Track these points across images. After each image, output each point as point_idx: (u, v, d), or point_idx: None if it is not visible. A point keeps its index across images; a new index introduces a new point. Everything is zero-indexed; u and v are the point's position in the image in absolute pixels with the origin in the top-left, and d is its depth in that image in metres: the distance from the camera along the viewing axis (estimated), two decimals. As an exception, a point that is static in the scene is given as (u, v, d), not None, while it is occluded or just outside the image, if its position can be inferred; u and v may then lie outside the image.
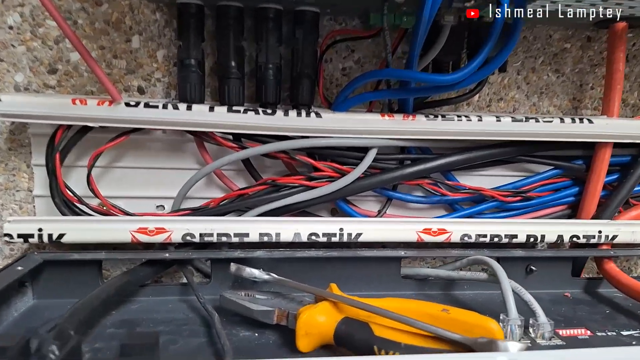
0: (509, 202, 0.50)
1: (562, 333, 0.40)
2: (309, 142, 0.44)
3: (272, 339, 0.37)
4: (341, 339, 0.34)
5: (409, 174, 0.47)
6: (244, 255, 0.43)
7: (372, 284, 0.46)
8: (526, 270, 0.48)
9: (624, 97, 0.55)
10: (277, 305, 0.38)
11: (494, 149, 0.48)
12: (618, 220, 0.51)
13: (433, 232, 0.47)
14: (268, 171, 0.49)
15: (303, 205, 0.46)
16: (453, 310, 0.36)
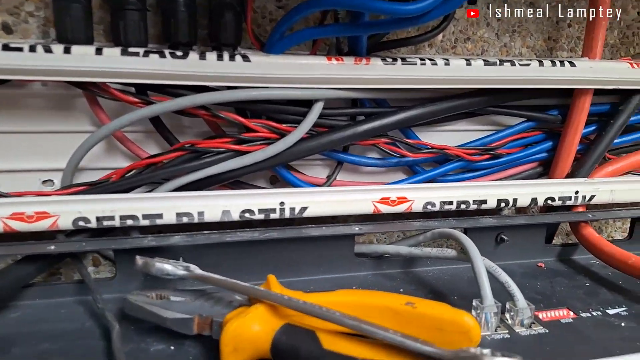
0: (476, 161, 0.43)
1: (542, 317, 0.34)
2: (235, 94, 0.35)
3: (191, 354, 0.29)
4: (280, 354, 0.26)
5: (363, 132, 0.38)
6: (156, 242, 0.34)
7: (322, 266, 0.38)
8: (496, 240, 0.42)
9: (603, 37, 0.48)
10: (198, 310, 0.29)
11: (461, 100, 0.40)
12: (597, 178, 0.45)
13: (392, 202, 0.39)
14: (188, 133, 0.39)
15: (233, 175, 0.37)
16: (420, 303, 0.29)
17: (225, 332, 0.26)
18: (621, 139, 0.47)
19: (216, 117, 0.36)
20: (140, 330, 0.31)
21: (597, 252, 0.41)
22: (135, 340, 0.30)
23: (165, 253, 0.34)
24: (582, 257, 0.44)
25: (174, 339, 0.30)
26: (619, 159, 0.48)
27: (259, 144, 0.36)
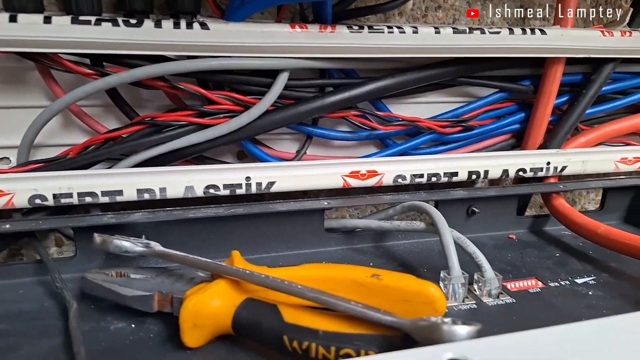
0: (447, 133, 0.43)
1: (510, 287, 0.34)
2: (194, 64, 0.33)
3: (153, 332, 0.28)
4: (242, 328, 0.26)
5: (331, 104, 0.37)
6: (116, 220, 0.33)
7: (291, 242, 0.37)
8: (467, 213, 0.41)
9: (575, 5, 0.47)
10: (158, 287, 0.28)
11: (431, 70, 0.39)
12: (569, 149, 0.45)
13: (362, 175, 0.38)
14: (148, 107, 0.38)
15: (197, 149, 0.36)
16: (385, 275, 0.29)
17: (184, 308, 0.25)
18: (594, 109, 0.47)
19: (176, 88, 0.34)
20: (101, 309, 0.30)
21: (568, 222, 0.41)
22: (95, 319, 0.29)
23: (127, 231, 0.33)
24: (554, 228, 0.44)
25: (135, 317, 0.29)
26: (591, 130, 0.47)
27: (222, 116, 0.35)
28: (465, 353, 0.19)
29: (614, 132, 0.48)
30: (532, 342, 0.20)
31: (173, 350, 0.26)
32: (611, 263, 0.38)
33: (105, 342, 0.27)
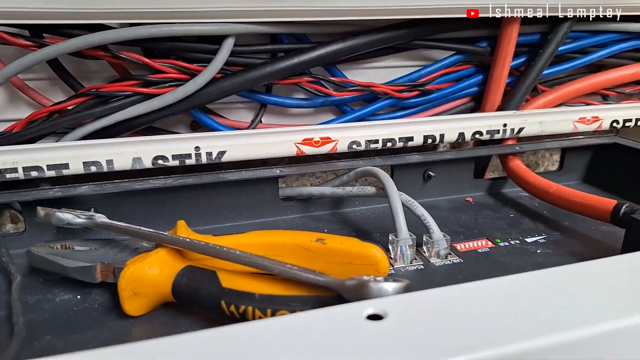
0: (405, 98, 0.42)
1: (460, 248, 0.35)
2: (133, 32, 0.32)
3: (98, 302, 0.28)
4: (182, 295, 0.26)
5: (281, 70, 0.37)
6: (62, 193, 0.32)
7: (246, 212, 0.37)
8: (424, 177, 0.41)
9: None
10: (101, 258, 0.28)
11: (383, 33, 0.39)
12: (526, 110, 0.45)
13: (315, 143, 0.38)
14: (96, 79, 0.37)
15: (144, 120, 0.35)
16: (329, 239, 0.29)
17: (122, 276, 0.26)
18: (553, 69, 0.46)
19: (118, 58, 0.34)
20: (49, 282, 0.30)
21: (523, 183, 0.41)
22: (42, 291, 0.29)
23: (78, 204, 0.33)
24: (512, 190, 0.45)
25: (81, 288, 0.29)
26: (551, 91, 0.47)
27: (167, 86, 0.35)
28: (385, 308, 0.20)
29: (574, 92, 0.47)
30: (449, 297, 0.20)
31: (116, 319, 0.27)
32: (564, 222, 0.39)
33: (50, 313, 0.27)
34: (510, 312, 0.19)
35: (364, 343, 0.18)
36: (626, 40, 0.47)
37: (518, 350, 0.17)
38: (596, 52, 0.47)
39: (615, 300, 0.20)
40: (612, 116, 0.47)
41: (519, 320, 0.18)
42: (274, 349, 0.17)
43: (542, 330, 0.18)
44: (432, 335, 0.18)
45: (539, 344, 0.17)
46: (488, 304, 0.20)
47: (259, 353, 0.17)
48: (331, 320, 0.19)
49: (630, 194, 0.42)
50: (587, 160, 0.47)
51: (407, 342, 0.17)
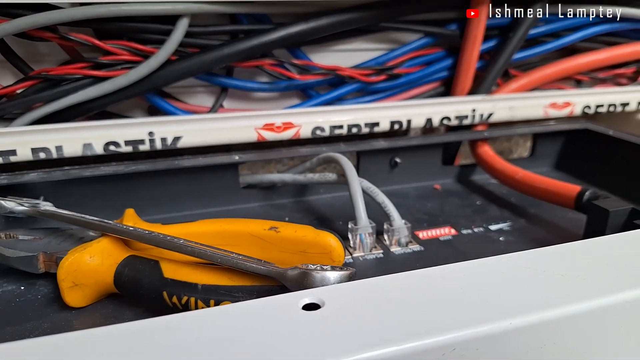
0: (372, 82, 0.41)
1: (422, 236, 0.34)
2: (80, 11, 0.31)
3: (41, 293, 0.27)
4: (125, 286, 0.25)
5: (241, 52, 0.35)
6: (8, 180, 0.31)
7: (204, 199, 0.36)
8: (390, 164, 0.41)
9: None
10: (45, 247, 0.27)
11: (349, 14, 0.37)
12: (496, 95, 0.44)
13: (277, 128, 0.37)
14: (47, 62, 0.35)
15: (96, 104, 0.34)
16: (284, 227, 0.29)
17: (61, 266, 0.25)
18: (525, 52, 0.46)
19: (66, 40, 0.32)
20: (-6, 271, 0.29)
21: (490, 169, 0.41)
22: (-16, 282, 0.28)
23: (25, 192, 0.32)
24: (481, 177, 0.44)
25: (26, 279, 0.28)
26: (523, 75, 0.47)
27: (119, 68, 0.33)
28: (323, 297, 0.19)
29: (546, 76, 0.47)
30: (387, 286, 0.20)
31: (58, 310, 0.26)
32: (530, 209, 0.38)
33: (-11, 304, 0.26)
34: (444, 301, 0.19)
35: (297, 333, 0.17)
36: (599, 23, 0.46)
37: (447, 340, 0.17)
38: (569, 35, 0.46)
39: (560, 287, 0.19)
40: (584, 102, 0.46)
41: (451, 310, 0.18)
42: (206, 339, 0.17)
43: (472, 319, 0.17)
44: (365, 324, 0.17)
45: (467, 334, 0.17)
46: (423, 292, 0.19)
47: (191, 343, 0.16)
48: (267, 311, 0.19)
49: (601, 180, 0.42)
50: (558, 146, 0.47)
51: (340, 332, 0.17)
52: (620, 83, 0.52)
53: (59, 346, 0.16)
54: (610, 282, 0.20)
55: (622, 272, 0.20)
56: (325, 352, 0.16)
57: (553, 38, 0.46)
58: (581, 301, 0.19)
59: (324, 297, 0.19)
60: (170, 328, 0.17)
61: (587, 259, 0.22)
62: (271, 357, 0.16)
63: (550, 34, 0.45)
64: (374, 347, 0.16)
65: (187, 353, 0.16)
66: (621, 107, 0.49)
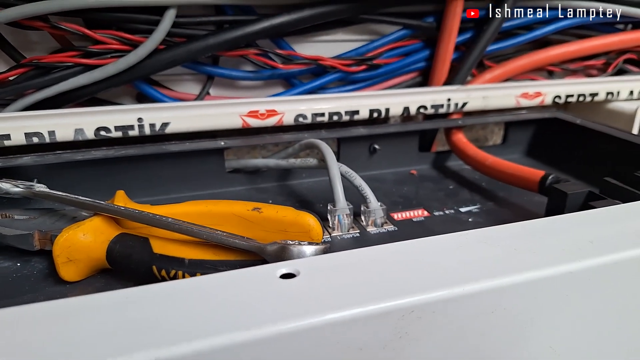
0: (353, 72, 0.43)
1: (396, 217, 0.36)
2: (73, 2, 0.32)
3: (37, 269, 0.29)
4: (116, 261, 0.27)
5: (226, 42, 0.37)
6: (2, 164, 0.33)
7: (190, 183, 0.38)
8: (369, 150, 0.43)
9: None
10: (39, 226, 0.29)
11: (330, 6, 0.39)
12: (470, 85, 0.46)
13: (261, 115, 0.39)
14: (38, 50, 0.37)
15: (86, 92, 0.35)
16: (266, 208, 0.30)
17: (56, 243, 0.26)
18: (499, 44, 0.48)
19: (57, 29, 0.33)
20: (-10, 250, 0.31)
21: (463, 156, 0.43)
22: (-20, 259, 0.30)
23: (19, 175, 0.34)
24: (456, 163, 0.46)
25: (22, 256, 0.30)
26: (497, 66, 0.49)
27: (109, 57, 0.35)
28: (298, 268, 0.21)
29: (519, 67, 0.49)
30: (355, 258, 0.22)
31: (53, 285, 0.27)
32: (499, 193, 0.41)
33: (-11, 279, 0.28)
34: (406, 270, 0.21)
35: (274, 299, 0.19)
36: (570, 17, 0.48)
37: (407, 303, 0.19)
38: (541, 28, 0.48)
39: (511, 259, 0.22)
40: (554, 92, 0.49)
41: (412, 277, 0.20)
42: (191, 304, 0.18)
43: (430, 286, 0.20)
44: (335, 290, 0.19)
45: (424, 298, 0.19)
46: (388, 263, 0.21)
47: (178, 308, 0.18)
48: (247, 279, 0.20)
49: (569, 167, 0.44)
50: (529, 134, 0.49)
51: (312, 297, 0.19)
52: (591, 74, 0.55)
53: (56, 311, 0.18)
54: (555, 256, 0.22)
55: (568, 247, 0.23)
56: (299, 314, 0.18)
57: (526, 30, 0.48)
58: (528, 271, 0.21)
59: (300, 267, 0.21)
60: (159, 295, 0.19)
61: (539, 235, 0.24)
62: (251, 318, 0.18)
63: (524, 26, 0.47)
64: (342, 309, 0.18)
65: (175, 317, 0.18)
66: (590, 97, 0.51)
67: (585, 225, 0.25)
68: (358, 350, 0.19)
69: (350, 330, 0.18)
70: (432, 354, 0.20)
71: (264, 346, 0.17)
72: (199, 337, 0.17)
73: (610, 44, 0.51)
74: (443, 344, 0.20)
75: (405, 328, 0.19)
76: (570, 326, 0.23)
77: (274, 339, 0.17)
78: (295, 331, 0.18)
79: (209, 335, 0.17)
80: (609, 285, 0.23)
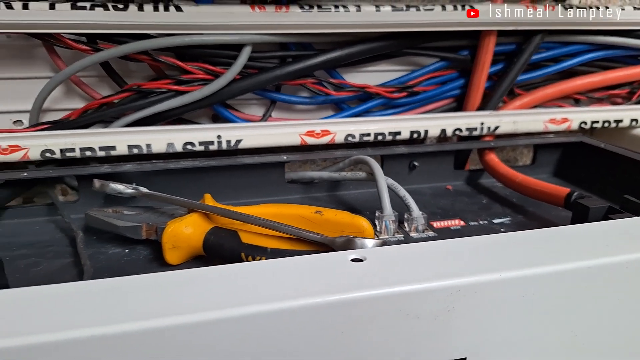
0: (395, 98, 0.49)
1: (435, 225, 0.42)
2: (172, 40, 0.40)
3: (142, 255, 0.36)
4: (210, 249, 0.34)
5: (290, 73, 0.44)
6: (111, 169, 0.40)
7: (255, 191, 0.45)
8: (409, 167, 0.49)
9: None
10: (146, 220, 0.36)
11: (377, 42, 0.46)
12: (502, 110, 0.52)
13: (316, 134, 0.46)
14: (135, 77, 0.44)
15: (176, 112, 0.43)
16: (326, 212, 0.36)
17: (165, 233, 0.33)
18: (529, 75, 0.53)
19: (157, 61, 0.41)
20: (101, 239, 0.37)
21: (495, 173, 0.48)
22: (96, 246, 0.37)
23: (120, 179, 0.41)
24: (488, 180, 0.51)
25: (129, 244, 0.37)
26: (526, 94, 0.54)
27: (196, 84, 0.42)
28: (365, 255, 0.26)
29: (547, 95, 0.54)
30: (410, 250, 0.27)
31: (157, 267, 0.34)
32: (529, 208, 0.46)
33: (104, 262, 0.35)
34: (454, 259, 0.26)
35: (348, 275, 0.24)
36: (595, 50, 0.53)
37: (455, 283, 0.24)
38: (567, 60, 0.53)
39: (533, 254, 0.27)
40: (580, 118, 0.53)
41: (458, 265, 0.25)
42: (278, 278, 0.24)
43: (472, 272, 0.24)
44: (396, 272, 0.24)
45: (468, 280, 0.24)
46: (437, 254, 0.26)
47: (268, 279, 0.24)
48: (325, 261, 0.26)
49: (593, 187, 0.49)
50: (557, 156, 0.54)
51: (378, 275, 0.24)
52: (616, 102, 0.59)
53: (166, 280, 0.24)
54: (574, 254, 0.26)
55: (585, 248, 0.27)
56: (369, 286, 0.23)
57: (554, 62, 0.53)
58: (549, 265, 0.26)
59: (366, 254, 0.26)
60: (250, 271, 0.25)
61: (563, 238, 0.28)
62: (330, 289, 0.23)
63: (551, 59, 0.53)
64: (404, 285, 0.23)
65: (275, 284, 0.23)
66: (615, 123, 0.56)
67: (603, 232, 0.29)
68: (415, 318, 0.24)
69: (410, 302, 0.23)
70: (473, 326, 0.25)
71: (342, 309, 0.23)
72: (291, 298, 0.22)
73: (633, 75, 0.56)
74: (481, 319, 0.25)
75: (453, 303, 0.24)
76: (588, 314, 0.27)
77: (351, 304, 0.23)
78: (366, 299, 0.23)
79: (300, 297, 0.22)
80: (620, 281, 0.27)
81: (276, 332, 0.22)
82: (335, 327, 0.23)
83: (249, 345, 0.22)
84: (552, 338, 0.27)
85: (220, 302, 0.22)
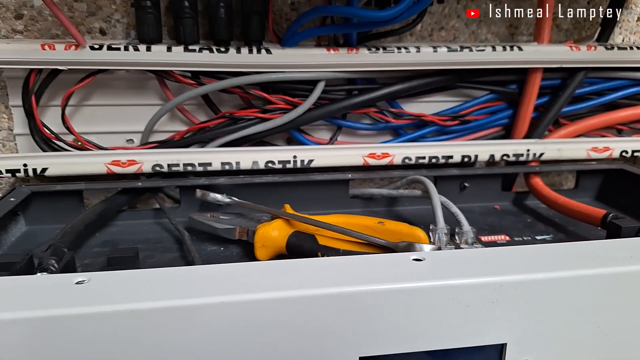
0: (448, 125, 0.56)
1: (484, 239, 0.47)
2: (261, 77, 0.48)
3: (235, 252, 0.43)
4: (292, 249, 0.41)
5: (356, 104, 0.51)
6: (208, 182, 0.48)
7: (324, 203, 0.52)
8: (460, 187, 0.54)
9: (558, 23, 0.58)
10: (239, 223, 0.44)
11: (433, 77, 0.52)
12: (547, 139, 0.57)
13: (377, 156, 0.52)
14: (226, 105, 0.53)
15: (260, 135, 0.51)
16: (387, 222, 0.43)
17: (256, 234, 0.40)
18: (573, 107, 0.58)
19: (247, 93, 0.49)
20: (200, 239, 0.45)
21: (540, 196, 0.53)
22: (196, 244, 0.44)
23: (212, 190, 0.49)
24: (533, 202, 0.56)
25: (223, 243, 0.44)
26: (570, 124, 0.59)
27: (278, 113, 0.50)
28: (424, 256, 0.33)
29: (590, 126, 0.59)
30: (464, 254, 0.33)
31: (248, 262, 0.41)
32: (569, 227, 0.50)
33: (204, 257, 0.42)
34: (498, 261, 0.31)
35: (410, 270, 0.30)
36: (636, 85, 0.58)
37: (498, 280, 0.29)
38: (610, 94, 0.58)
39: (564, 261, 0.32)
40: (621, 147, 0.57)
41: (501, 265, 0.31)
42: (353, 270, 0.30)
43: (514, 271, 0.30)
44: (452, 269, 0.30)
45: (509, 278, 0.29)
46: (486, 256, 0.32)
47: (344, 271, 0.30)
48: (390, 260, 0.32)
49: (633, 211, 0.52)
50: (598, 182, 0.58)
51: (437, 272, 0.30)
52: (659, 132, 0.63)
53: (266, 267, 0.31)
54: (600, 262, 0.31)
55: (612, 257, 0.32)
56: (428, 279, 0.29)
57: (597, 96, 0.58)
58: (575, 270, 0.30)
59: (425, 256, 0.32)
60: (329, 264, 0.31)
61: (594, 250, 0.33)
62: (395, 282, 0.29)
63: (594, 92, 0.57)
64: (458, 279, 0.29)
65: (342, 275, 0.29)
66: (656, 152, 0.59)
67: (631, 246, 0.34)
68: (465, 307, 0.30)
69: (461, 293, 0.29)
70: (512, 316, 0.30)
71: (405, 295, 0.28)
72: (364, 284, 0.28)
73: (675, 107, 0.59)
74: (519, 311, 0.30)
75: (496, 297, 0.29)
76: (608, 311, 0.31)
77: (412, 292, 0.29)
78: (425, 288, 0.29)
79: (370, 283, 0.28)
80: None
81: (352, 310, 0.28)
82: (400, 310, 0.29)
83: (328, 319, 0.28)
84: (581, 332, 0.32)
85: (309, 284, 0.28)
